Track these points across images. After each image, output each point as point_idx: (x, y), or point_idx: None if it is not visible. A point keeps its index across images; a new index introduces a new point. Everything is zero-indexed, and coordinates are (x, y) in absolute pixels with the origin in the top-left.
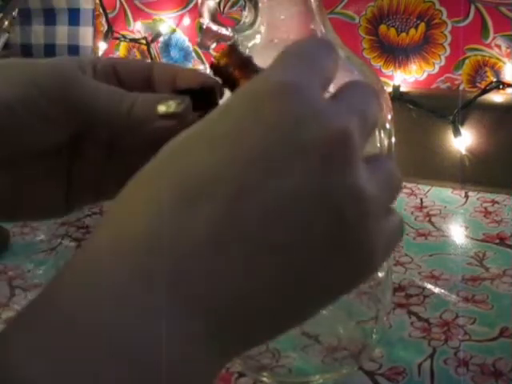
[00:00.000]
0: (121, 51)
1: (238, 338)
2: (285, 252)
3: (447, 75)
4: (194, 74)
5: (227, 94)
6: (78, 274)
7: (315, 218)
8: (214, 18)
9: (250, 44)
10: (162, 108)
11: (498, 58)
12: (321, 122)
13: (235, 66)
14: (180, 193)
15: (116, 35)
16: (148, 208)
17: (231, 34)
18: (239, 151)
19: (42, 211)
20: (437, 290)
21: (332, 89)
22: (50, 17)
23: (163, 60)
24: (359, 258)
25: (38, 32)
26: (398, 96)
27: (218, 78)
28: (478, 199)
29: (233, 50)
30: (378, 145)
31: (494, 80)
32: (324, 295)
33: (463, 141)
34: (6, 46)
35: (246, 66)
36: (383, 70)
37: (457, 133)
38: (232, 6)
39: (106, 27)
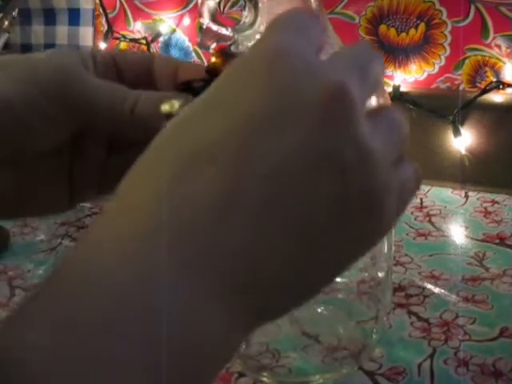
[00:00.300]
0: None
1: (250, 316)
2: (292, 213)
3: (447, 75)
4: (196, 68)
5: None
6: (77, 273)
7: (320, 177)
8: (214, 18)
9: (249, 44)
10: (165, 107)
11: (498, 58)
12: (316, 79)
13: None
14: (179, 170)
15: (116, 35)
16: (148, 203)
17: (231, 34)
18: (238, 118)
19: (44, 208)
20: (437, 289)
21: None
22: (50, 17)
23: None
24: (370, 216)
25: (38, 32)
26: (397, 96)
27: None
28: (478, 199)
29: (225, 50)
30: None
31: (494, 80)
32: (339, 258)
33: (463, 141)
34: (6, 45)
35: None
36: None
37: (457, 133)
38: (232, 6)
39: (105, 27)
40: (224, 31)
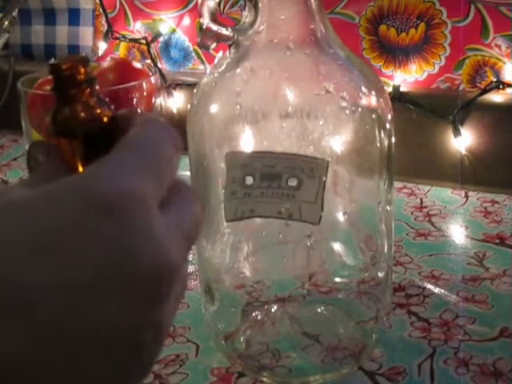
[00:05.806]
0: (121, 51)
1: None
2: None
3: (447, 75)
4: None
5: None
6: None
7: (114, 352)
8: (214, 18)
9: (248, 44)
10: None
11: (498, 58)
12: (156, 258)
13: (81, 83)
14: None
15: (116, 35)
16: None
17: (231, 34)
18: (68, 267)
19: None
20: (437, 290)
21: (332, 88)
22: (50, 17)
23: (163, 60)
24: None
25: (38, 32)
26: (397, 96)
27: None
28: (478, 199)
29: (86, 62)
30: (378, 145)
31: (494, 80)
32: None
33: (463, 141)
34: (6, 45)
35: (91, 87)
36: (383, 70)
37: (457, 133)
38: (232, 6)
39: (106, 27)
40: (224, 31)
